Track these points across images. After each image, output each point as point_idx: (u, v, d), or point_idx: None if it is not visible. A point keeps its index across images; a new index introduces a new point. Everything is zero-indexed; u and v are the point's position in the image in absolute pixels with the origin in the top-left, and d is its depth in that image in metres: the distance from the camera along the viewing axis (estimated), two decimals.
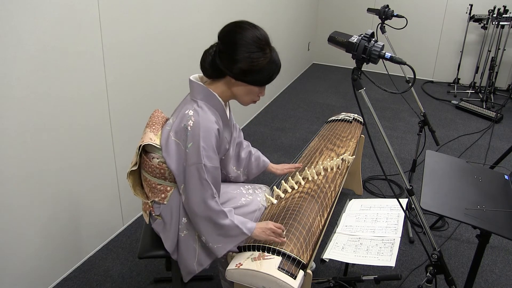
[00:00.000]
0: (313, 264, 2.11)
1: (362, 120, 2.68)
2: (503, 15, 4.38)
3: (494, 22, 4.52)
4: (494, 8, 4.49)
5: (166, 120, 1.57)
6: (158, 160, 1.47)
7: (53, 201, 1.91)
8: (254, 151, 1.85)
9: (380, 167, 3.20)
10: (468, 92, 4.96)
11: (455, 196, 1.54)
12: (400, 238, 1.58)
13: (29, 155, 1.74)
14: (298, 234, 1.53)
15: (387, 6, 2.49)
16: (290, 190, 1.85)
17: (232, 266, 1.43)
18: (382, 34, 2.52)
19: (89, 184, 2.10)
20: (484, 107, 4.40)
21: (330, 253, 1.58)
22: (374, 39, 1.27)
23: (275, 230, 1.48)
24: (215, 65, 1.41)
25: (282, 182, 1.88)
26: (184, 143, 1.39)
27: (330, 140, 2.36)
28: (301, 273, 1.40)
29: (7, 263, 1.75)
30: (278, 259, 1.41)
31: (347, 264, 1.96)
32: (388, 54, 1.25)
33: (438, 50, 5.32)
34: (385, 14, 2.48)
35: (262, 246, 1.47)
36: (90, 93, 1.99)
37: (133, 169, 1.52)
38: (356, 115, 2.73)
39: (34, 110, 1.72)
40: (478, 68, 4.92)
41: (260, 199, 1.72)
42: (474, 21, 4.71)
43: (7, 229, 1.71)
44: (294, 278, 1.36)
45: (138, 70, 2.29)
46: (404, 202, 1.84)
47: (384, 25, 2.52)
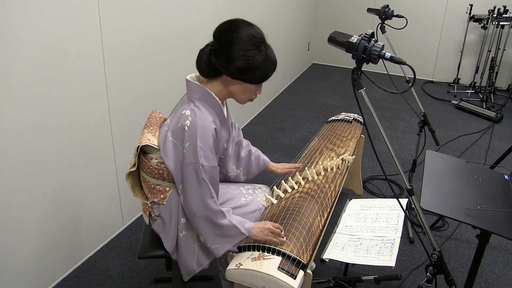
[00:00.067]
0: (313, 264, 2.11)
1: (362, 120, 2.68)
2: (503, 15, 4.38)
3: (494, 22, 4.52)
4: (494, 8, 4.49)
5: (164, 120, 1.57)
6: (156, 160, 1.47)
7: (53, 201, 1.91)
8: (254, 150, 1.84)
9: (380, 167, 3.20)
10: (468, 92, 4.96)
11: (455, 196, 1.54)
12: (400, 238, 1.58)
13: (29, 155, 1.74)
14: (298, 234, 1.53)
15: (387, 6, 2.49)
16: (290, 190, 1.84)
17: (232, 266, 1.43)
18: (382, 34, 2.52)
19: (89, 184, 2.10)
20: (484, 107, 4.40)
21: (330, 253, 1.58)
22: (374, 39, 1.27)
23: (273, 230, 1.48)
24: (211, 64, 1.41)
25: (282, 182, 1.88)
26: (181, 143, 1.39)
27: (330, 140, 2.36)
28: (301, 273, 1.40)
29: (7, 263, 1.75)
30: (278, 259, 1.41)
31: (347, 264, 1.96)
32: (388, 54, 1.25)
33: (438, 50, 5.32)
34: (385, 14, 2.48)
35: (262, 246, 1.47)
36: (90, 93, 1.99)
37: (131, 170, 1.52)
38: (356, 115, 2.73)
39: (34, 110, 1.72)
40: (478, 68, 4.92)
41: (260, 199, 1.72)
42: (474, 21, 4.71)
43: (7, 229, 1.71)
44: (294, 278, 1.36)
45: (138, 70, 2.29)
46: (404, 202, 1.84)
47: (384, 25, 2.52)
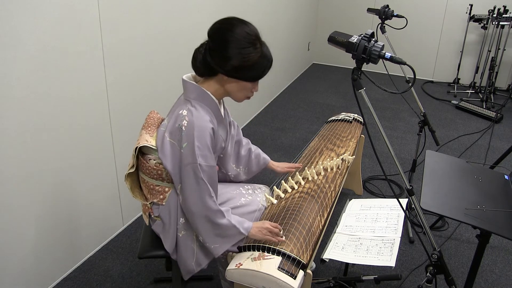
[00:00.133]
0: (313, 264, 2.11)
1: (362, 120, 2.68)
2: (503, 15, 4.38)
3: (494, 22, 4.52)
4: (494, 8, 4.49)
5: (162, 120, 1.57)
6: (155, 161, 1.47)
7: (53, 201, 1.91)
8: (254, 149, 1.84)
9: (380, 167, 3.20)
10: (468, 92, 4.96)
11: (455, 196, 1.54)
12: (400, 238, 1.58)
13: (29, 155, 1.74)
14: (298, 234, 1.53)
15: (387, 6, 2.49)
16: (290, 190, 1.84)
17: (232, 266, 1.43)
18: (382, 34, 2.52)
19: (89, 184, 2.10)
20: (484, 107, 4.40)
21: (330, 253, 1.58)
22: (374, 39, 1.27)
23: (272, 229, 1.48)
24: (207, 63, 1.41)
25: (282, 182, 1.88)
26: (179, 143, 1.39)
27: (330, 140, 2.36)
28: (301, 273, 1.40)
29: (7, 263, 1.75)
30: (278, 259, 1.41)
31: (347, 264, 1.96)
32: (388, 54, 1.25)
33: (438, 50, 5.32)
34: (385, 14, 2.48)
35: (262, 246, 1.47)
36: (90, 93, 1.99)
37: (130, 171, 1.52)
38: (356, 115, 2.73)
39: (34, 110, 1.72)
40: (478, 68, 4.92)
41: (260, 199, 1.72)
42: (474, 21, 4.71)
43: (7, 229, 1.71)
44: (294, 278, 1.36)
45: (138, 70, 2.29)
46: (404, 202, 1.84)
47: (384, 25, 2.52)
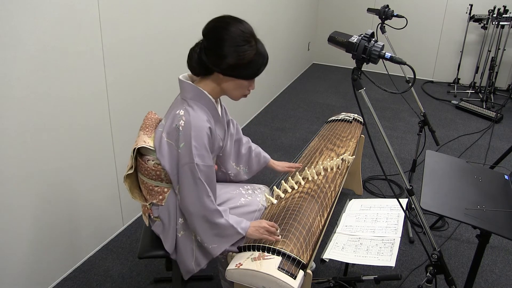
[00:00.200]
0: (313, 264, 2.11)
1: (362, 120, 2.68)
2: (503, 15, 4.38)
3: (494, 22, 4.52)
4: (494, 8, 4.49)
5: (160, 121, 1.57)
6: (153, 162, 1.47)
7: (53, 201, 1.91)
8: (255, 147, 1.84)
9: (380, 167, 3.20)
10: (468, 92, 4.96)
11: (455, 196, 1.54)
12: (400, 238, 1.58)
13: (29, 155, 1.74)
14: (298, 234, 1.53)
15: (387, 6, 2.49)
16: (290, 190, 1.84)
17: (232, 266, 1.43)
18: (382, 34, 2.52)
19: (89, 184, 2.10)
20: (484, 107, 4.40)
21: (330, 253, 1.58)
22: (374, 39, 1.27)
23: (269, 228, 1.48)
24: (202, 62, 1.41)
25: (282, 182, 1.88)
26: (176, 143, 1.39)
27: (330, 140, 2.36)
28: (301, 273, 1.40)
29: (7, 263, 1.75)
30: (278, 259, 1.41)
31: (347, 264, 1.96)
32: (388, 54, 1.25)
33: (438, 50, 5.32)
34: (385, 14, 2.48)
35: (262, 246, 1.47)
36: (90, 93, 1.99)
37: (129, 172, 1.52)
38: (356, 115, 2.73)
39: (34, 110, 1.72)
40: (478, 68, 4.92)
41: (259, 199, 1.72)
42: (474, 21, 4.71)
43: (7, 229, 1.71)
44: (294, 278, 1.36)
45: (138, 70, 2.29)
46: (404, 202, 1.84)
47: (384, 25, 2.52)
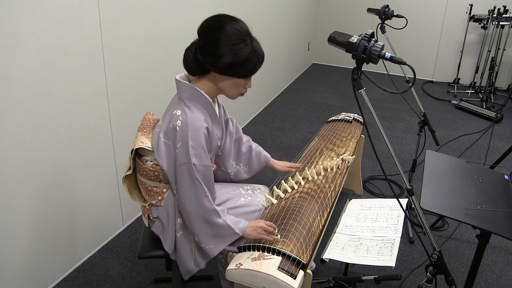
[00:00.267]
0: (313, 264, 2.11)
1: (362, 120, 2.68)
2: (503, 15, 4.38)
3: (494, 22, 4.52)
4: (494, 8, 4.49)
5: (157, 121, 1.57)
6: (151, 162, 1.47)
7: (53, 201, 1.91)
8: (255, 146, 1.84)
9: (380, 167, 3.20)
10: (468, 92, 4.96)
11: (455, 196, 1.54)
12: (400, 238, 1.58)
13: (29, 155, 1.74)
14: (298, 234, 1.53)
15: (387, 6, 2.49)
16: (290, 190, 1.84)
17: (232, 266, 1.43)
18: (382, 34, 2.52)
19: (89, 184, 2.10)
20: (484, 107, 4.40)
21: (330, 253, 1.58)
22: (374, 39, 1.27)
23: (266, 228, 1.48)
24: (198, 62, 1.41)
25: (282, 182, 1.88)
26: (173, 144, 1.39)
27: (330, 140, 2.36)
28: (301, 273, 1.40)
29: (7, 263, 1.75)
30: (278, 259, 1.41)
31: (347, 264, 1.96)
32: (388, 54, 1.25)
33: (438, 50, 5.32)
34: (385, 14, 2.48)
35: (262, 246, 1.47)
36: (90, 93, 1.99)
37: (127, 173, 1.52)
38: (356, 115, 2.73)
39: (34, 110, 1.72)
40: (478, 68, 4.92)
41: (259, 200, 1.72)
42: (474, 21, 4.71)
43: (7, 229, 1.71)
44: (294, 278, 1.36)
45: (138, 70, 2.29)
46: (404, 202, 1.84)
47: (384, 25, 2.52)
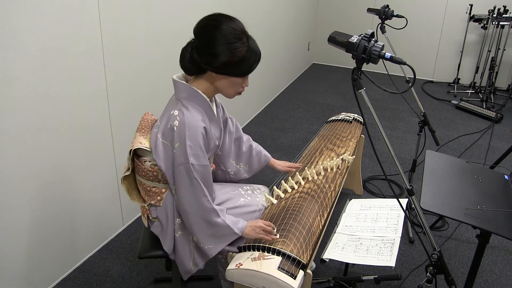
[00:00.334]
0: (313, 264, 2.11)
1: (362, 120, 2.68)
2: (503, 15, 4.38)
3: (494, 22, 4.52)
4: (494, 8, 4.49)
5: (155, 122, 1.57)
6: (150, 163, 1.47)
7: (53, 201, 1.91)
8: (255, 146, 1.84)
9: (380, 167, 3.20)
10: (468, 92, 4.96)
11: (455, 196, 1.54)
12: (400, 238, 1.58)
13: (29, 155, 1.74)
14: (298, 234, 1.53)
15: (387, 6, 2.49)
16: (290, 190, 1.84)
17: (232, 266, 1.43)
18: (382, 34, 2.52)
19: (89, 184, 2.10)
20: (484, 107, 4.40)
21: (330, 253, 1.58)
22: (374, 39, 1.27)
23: (265, 227, 1.48)
24: (195, 61, 1.41)
25: (282, 182, 1.88)
26: (171, 144, 1.39)
27: (330, 140, 2.36)
28: (301, 273, 1.40)
29: (7, 263, 1.75)
30: (278, 259, 1.41)
31: (347, 264, 1.96)
32: (388, 54, 1.25)
33: (438, 50, 5.32)
34: (385, 14, 2.48)
35: (262, 246, 1.47)
36: (90, 93, 1.99)
37: (126, 174, 1.52)
38: (356, 115, 2.73)
39: (34, 110, 1.72)
40: (478, 68, 4.92)
41: (259, 200, 1.72)
42: (474, 21, 4.71)
43: (7, 229, 1.71)
44: (294, 278, 1.36)
45: (138, 70, 2.29)
46: (404, 202, 1.84)
47: (384, 25, 2.52)
